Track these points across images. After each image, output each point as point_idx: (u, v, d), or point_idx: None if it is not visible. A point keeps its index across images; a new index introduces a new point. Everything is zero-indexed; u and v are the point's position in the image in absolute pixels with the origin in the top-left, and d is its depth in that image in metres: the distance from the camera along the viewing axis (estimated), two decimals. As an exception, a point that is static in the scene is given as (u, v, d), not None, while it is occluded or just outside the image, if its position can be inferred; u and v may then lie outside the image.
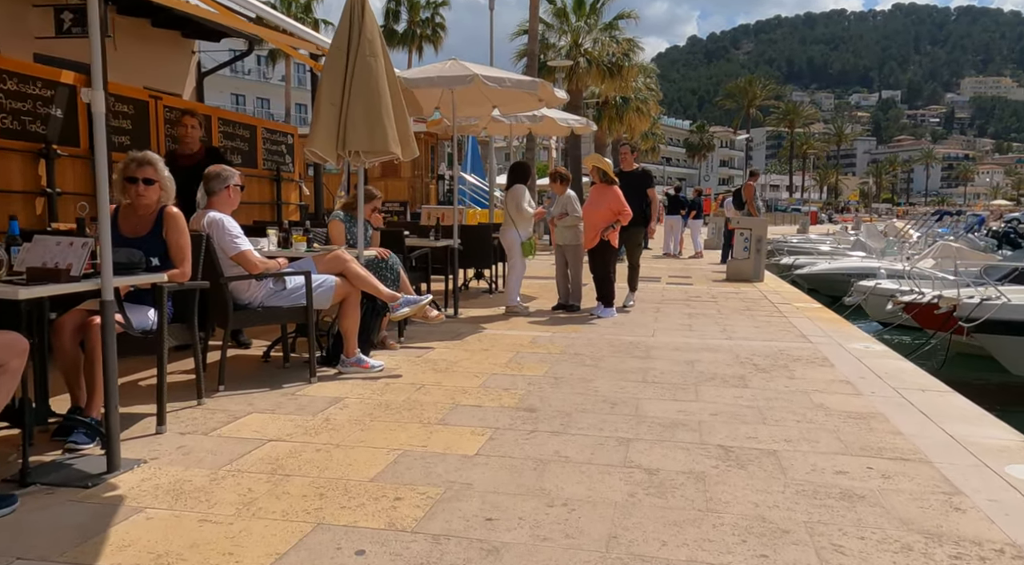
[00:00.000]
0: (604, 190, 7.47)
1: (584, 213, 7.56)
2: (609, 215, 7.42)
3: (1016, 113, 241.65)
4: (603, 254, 7.54)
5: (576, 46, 28.67)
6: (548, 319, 7.38)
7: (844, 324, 7.47)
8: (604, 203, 7.39)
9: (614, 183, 7.43)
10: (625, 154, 7.85)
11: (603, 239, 7.39)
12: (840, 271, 16.67)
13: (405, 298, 4.94)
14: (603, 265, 7.58)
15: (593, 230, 7.44)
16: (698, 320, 7.54)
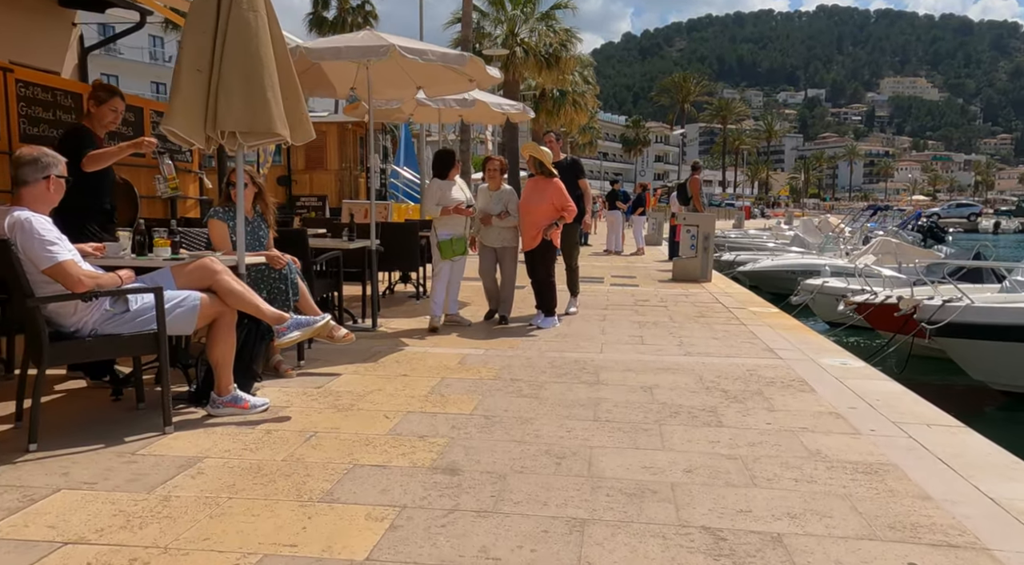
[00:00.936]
0: (544, 183, 6.54)
1: (521, 210, 6.62)
2: (551, 212, 6.51)
3: (931, 112, 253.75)
4: (544, 256, 6.62)
5: (512, 35, 27.74)
6: (480, 332, 6.41)
7: (808, 333, 6.75)
8: (545, 198, 6.47)
9: (554, 175, 6.52)
10: (551, 142, 6.95)
11: (545, 239, 6.48)
12: (784, 268, 16.28)
13: (296, 319, 3.87)
14: (545, 268, 6.66)
15: (533, 228, 6.50)
16: (650, 330, 6.70)
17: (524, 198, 6.65)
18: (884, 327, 10.67)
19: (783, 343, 6.11)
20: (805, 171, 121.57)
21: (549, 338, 6.23)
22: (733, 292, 9.84)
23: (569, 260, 7.48)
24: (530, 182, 6.65)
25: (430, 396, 4.28)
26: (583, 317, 7.42)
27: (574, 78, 36.99)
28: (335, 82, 7.13)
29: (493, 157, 6.46)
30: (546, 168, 6.48)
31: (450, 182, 6.25)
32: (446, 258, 6.27)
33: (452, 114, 9.16)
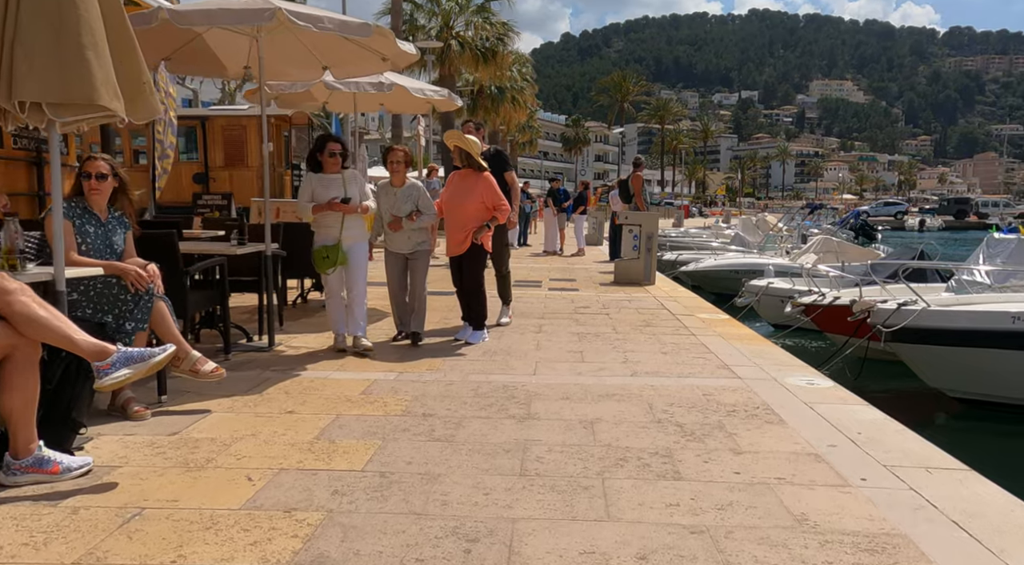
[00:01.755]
0: (472, 178, 5.69)
1: (445, 208, 5.76)
2: (482, 211, 5.67)
3: (857, 114, 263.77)
4: (474, 262, 5.78)
5: (447, 28, 26.81)
6: (395, 352, 5.51)
7: (764, 343, 6.10)
8: (475, 195, 5.64)
9: (484, 169, 5.68)
10: (470, 133, 6.14)
11: (475, 243, 5.64)
12: (726, 268, 15.87)
13: (124, 353, 2.90)
14: (474, 276, 5.81)
15: (462, 231, 5.65)
16: (591, 343, 5.93)
17: (448, 195, 5.77)
18: (833, 329, 10.24)
19: (739, 357, 5.42)
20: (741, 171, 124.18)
21: (476, 356, 5.38)
22: (679, 296, 9.20)
23: (499, 265, 6.62)
24: (455, 176, 5.78)
25: (316, 443, 3.38)
26: (517, 328, 6.61)
27: (512, 74, 36.28)
28: (225, 60, 6.11)
29: (396, 147, 5.49)
30: (475, 160, 5.62)
31: (330, 176, 5.15)
32: (320, 271, 5.25)
33: (370, 101, 8.22)
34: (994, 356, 7.33)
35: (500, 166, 6.31)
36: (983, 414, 7.84)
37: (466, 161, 5.69)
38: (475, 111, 35.89)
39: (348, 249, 5.17)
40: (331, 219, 5.11)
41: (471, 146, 5.69)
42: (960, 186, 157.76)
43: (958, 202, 67.63)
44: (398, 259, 5.68)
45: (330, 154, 5.10)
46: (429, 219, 5.58)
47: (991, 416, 7.79)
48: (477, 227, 5.63)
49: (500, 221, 5.75)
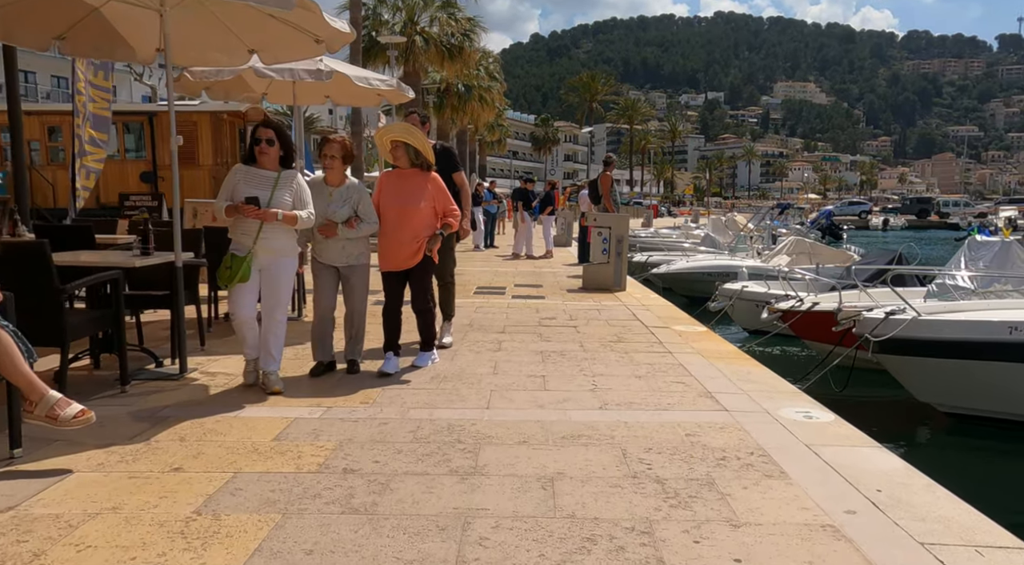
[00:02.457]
0: (417, 179, 4.89)
1: (388, 214, 4.83)
2: (432, 217, 4.89)
3: (820, 115, 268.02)
4: (425, 276, 4.98)
5: (412, 23, 25.93)
6: (327, 379, 4.73)
7: (750, 363, 5.44)
8: (423, 198, 4.83)
9: (431, 168, 4.91)
10: (415, 124, 5.36)
11: (427, 255, 4.86)
12: (699, 270, 15.31)
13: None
14: (425, 292, 5.00)
15: (414, 241, 4.80)
16: (555, 365, 5.21)
17: (388, 198, 4.87)
18: (812, 337, 9.69)
19: (723, 382, 4.75)
20: (708, 171, 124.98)
21: (422, 383, 4.63)
22: (651, 304, 8.54)
23: (444, 273, 5.77)
24: (391, 177, 4.94)
25: (194, 521, 2.60)
26: (474, 346, 5.87)
27: (480, 73, 35.52)
28: (132, 40, 5.26)
29: (332, 137, 4.61)
30: (423, 158, 4.84)
31: (262, 172, 4.27)
32: (220, 284, 4.33)
33: (312, 92, 7.40)
34: (989, 369, 6.79)
35: (448, 165, 5.54)
36: (974, 429, 7.32)
37: (414, 158, 4.89)
38: (442, 110, 35.08)
39: (265, 267, 4.24)
40: (247, 225, 4.21)
41: (420, 141, 4.88)
42: (919, 186, 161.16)
43: (920, 202, 68.61)
44: (329, 272, 4.77)
45: (255, 141, 4.19)
46: (370, 227, 4.71)
47: (982, 431, 7.28)
48: (430, 236, 4.83)
49: (453, 228, 4.97)
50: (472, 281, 10.67)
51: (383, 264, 4.92)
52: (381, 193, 4.89)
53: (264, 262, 4.24)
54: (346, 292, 4.83)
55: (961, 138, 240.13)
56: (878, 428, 7.73)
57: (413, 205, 4.80)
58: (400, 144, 4.83)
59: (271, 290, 4.30)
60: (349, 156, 4.63)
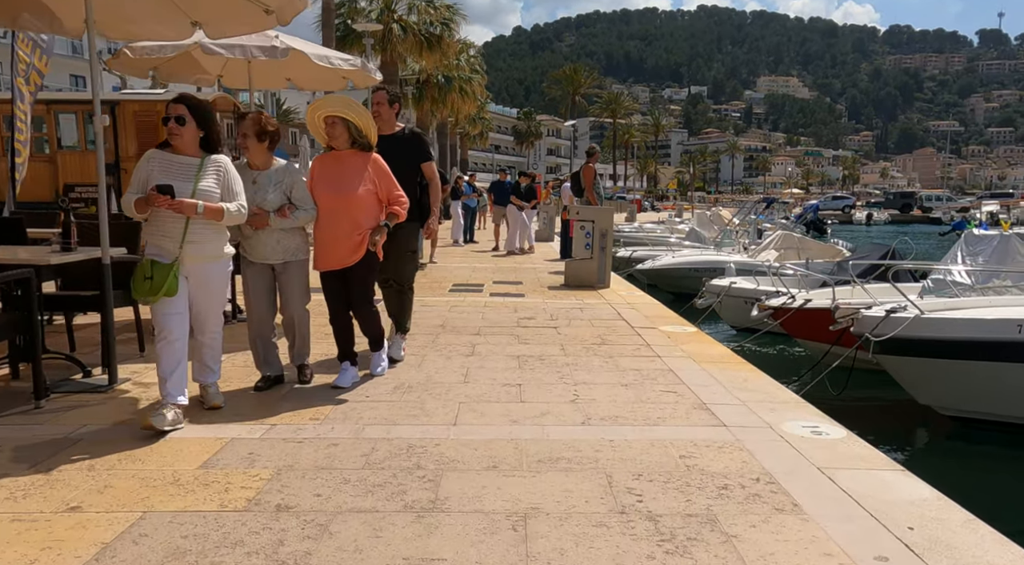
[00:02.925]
0: (356, 161, 4.13)
1: (325, 202, 4.08)
2: (375, 204, 4.17)
3: (803, 110, 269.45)
4: (368, 273, 4.25)
5: (389, 10, 25.26)
6: (272, 392, 4.21)
7: (746, 368, 4.98)
8: (363, 183, 4.10)
9: (371, 149, 4.20)
10: (380, 105, 4.65)
11: (370, 250, 4.16)
12: (685, 266, 14.89)
13: None
14: (367, 290, 4.30)
15: (356, 232, 4.07)
16: (533, 371, 4.72)
17: (323, 184, 4.10)
18: (804, 335, 9.30)
19: (718, 391, 4.29)
20: (692, 165, 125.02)
21: (382, 394, 4.12)
22: (637, 303, 8.07)
23: (403, 278, 4.99)
24: (327, 160, 4.21)
25: (76, 584, 2.09)
26: (445, 350, 5.36)
27: (460, 63, 34.91)
28: (57, 8, 4.69)
29: (250, 113, 4.01)
30: (364, 137, 4.13)
31: (180, 158, 3.52)
32: (139, 298, 3.46)
33: (271, 73, 6.83)
34: (995, 370, 6.39)
35: (418, 153, 4.86)
36: (978, 434, 6.94)
37: (355, 137, 4.12)
38: (421, 102, 34.42)
39: (194, 273, 3.55)
40: (168, 225, 3.45)
41: (360, 116, 4.12)
42: (901, 181, 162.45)
43: (903, 196, 68.89)
44: (263, 272, 4.08)
45: (164, 120, 3.49)
46: (307, 215, 4.05)
47: (987, 436, 6.90)
48: (374, 227, 4.15)
49: (400, 218, 4.27)
50: (448, 278, 10.16)
51: (319, 262, 4.17)
52: (314, 180, 4.15)
53: (192, 269, 3.54)
54: (283, 294, 4.15)
55: (942, 133, 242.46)
56: (876, 433, 7.38)
57: (351, 191, 4.05)
58: (338, 120, 4.07)
59: (203, 300, 3.64)
60: (266, 133, 3.90)
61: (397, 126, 4.86)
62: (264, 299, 4.14)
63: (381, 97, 4.76)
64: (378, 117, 4.60)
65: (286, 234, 4.04)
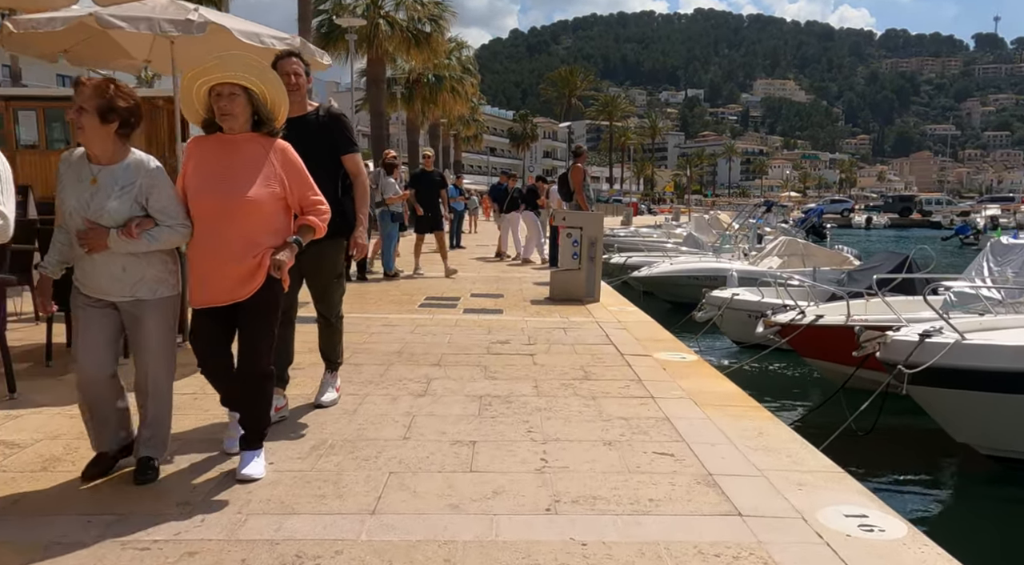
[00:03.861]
0: (253, 149, 2.93)
1: (199, 209, 2.87)
2: (279, 214, 2.97)
3: (799, 113, 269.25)
4: (265, 314, 2.95)
5: (375, 6, 24.31)
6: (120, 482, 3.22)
7: (757, 414, 4.02)
8: (265, 182, 2.89)
9: (275, 135, 2.99)
10: (300, 75, 3.57)
11: (270, 278, 2.92)
12: (683, 273, 13.96)
13: None
14: (264, 343, 2.96)
15: (250, 253, 2.86)
16: (494, 424, 3.75)
17: (202, 181, 2.88)
18: (816, 356, 8.36)
19: (727, 452, 3.33)
20: (689, 168, 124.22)
21: (291, 457, 3.15)
22: (629, 321, 7.11)
23: (330, 306, 3.89)
24: (208, 145, 2.95)
25: None
26: (393, 387, 4.39)
27: (451, 62, 33.98)
28: None
29: (90, 79, 2.73)
30: (265, 113, 2.92)
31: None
32: None
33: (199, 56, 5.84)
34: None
35: (339, 140, 3.70)
36: (1021, 475, 6.00)
37: (266, 113, 2.93)
38: (412, 101, 33.48)
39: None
40: None
41: (274, 87, 2.95)
42: (898, 184, 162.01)
43: (902, 200, 68.15)
44: (100, 313, 2.83)
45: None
46: (171, 235, 2.81)
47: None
48: (275, 246, 2.92)
49: (319, 232, 3.05)
50: (423, 289, 9.20)
51: (196, 295, 2.95)
52: (189, 174, 2.92)
53: None
54: (134, 345, 2.90)
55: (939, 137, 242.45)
56: (904, 473, 6.45)
57: (244, 193, 2.83)
58: (238, 91, 2.85)
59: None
60: (113, 111, 2.69)
61: (310, 105, 3.73)
62: (100, 350, 2.83)
63: (297, 65, 3.60)
64: (296, 91, 3.49)
65: (136, 260, 2.78)
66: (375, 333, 6.18)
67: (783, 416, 7.78)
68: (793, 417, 7.92)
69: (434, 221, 10.86)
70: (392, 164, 10.39)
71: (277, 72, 3.16)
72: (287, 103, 3.03)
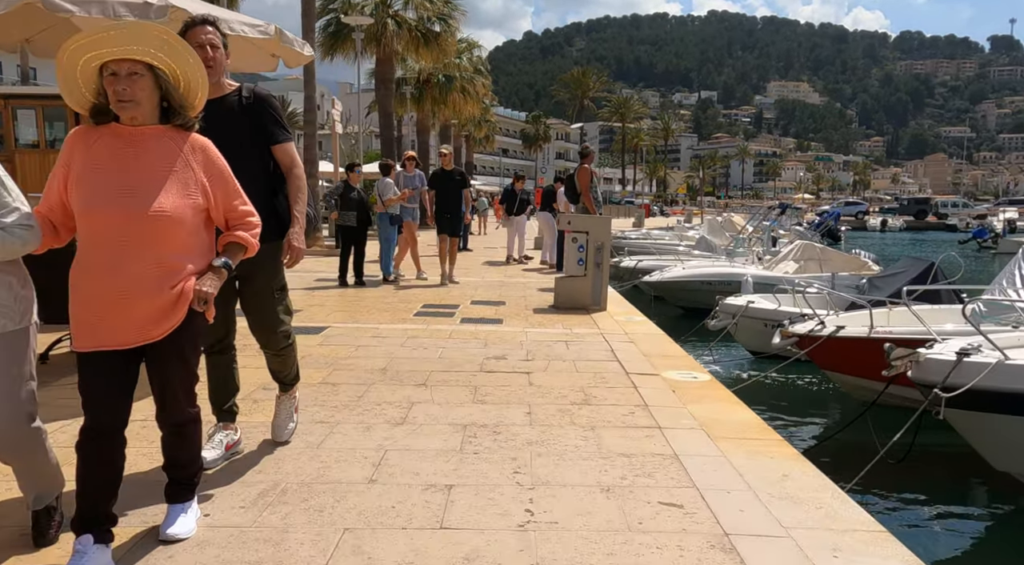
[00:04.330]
0: (164, 145, 2.27)
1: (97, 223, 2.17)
2: (199, 230, 2.34)
3: (813, 115, 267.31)
4: (188, 357, 2.36)
5: (384, 5, 23.91)
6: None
7: (782, 449, 3.51)
8: (183, 190, 2.26)
9: (193, 126, 2.35)
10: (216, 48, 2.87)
11: (191, 313, 2.28)
12: (696, 278, 13.41)
13: None
14: (186, 388, 2.40)
15: (167, 280, 2.22)
16: (476, 462, 3.27)
17: (95, 184, 2.18)
18: (836, 368, 7.83)
19: (746, 501, 2.82)
20: (701, 170, 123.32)
21: (230, 511, 2.67)
22: (637, 333, 6.61)
23: (266, 331, 3.15)
24: (101, 138, 2.24)
25: None
26: (368, 412, 3.92)
27: (461, 62, 33.53)
28: None
29: None
30: (177, 99, 2.28)
31: None
32: None
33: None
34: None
35: (267, 129, 2.99)
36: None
37: (179, 99, 2.30)
38: (422, 102, 33.06)
39: None
40: None
41: (186, 64, 2.28)
42: (912, 186, 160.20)
43: (917, 202, 67.11)
44: None
45: None
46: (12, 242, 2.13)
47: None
48: (197, 271, 2.31)
49: (250, 250, 2.47)
50: (420, 297, 8.73)
51: (84, 337, 2.20)
52: (73, 180, 2.20)
53: None
54: None
55: (953, 139, 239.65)
56: (935, 504, 5.91)
57: (155, 206, 2.18)
58: (140, 67, 2.18)
59: None
60: None
61: (229, 85, 2.99)
62: None
63: (213, 35, 2.86)
64: (211, 67, 2.78)
65: None
66: (361, 346, 5.72)
67: (803, 434, 7.27)
68: (813, 433, 7.40)
69: (454, 224, 10.02)
70: (387, 165, 9.93)
71: (187, 40, 2.62)
72: (206, 86, 2.37)
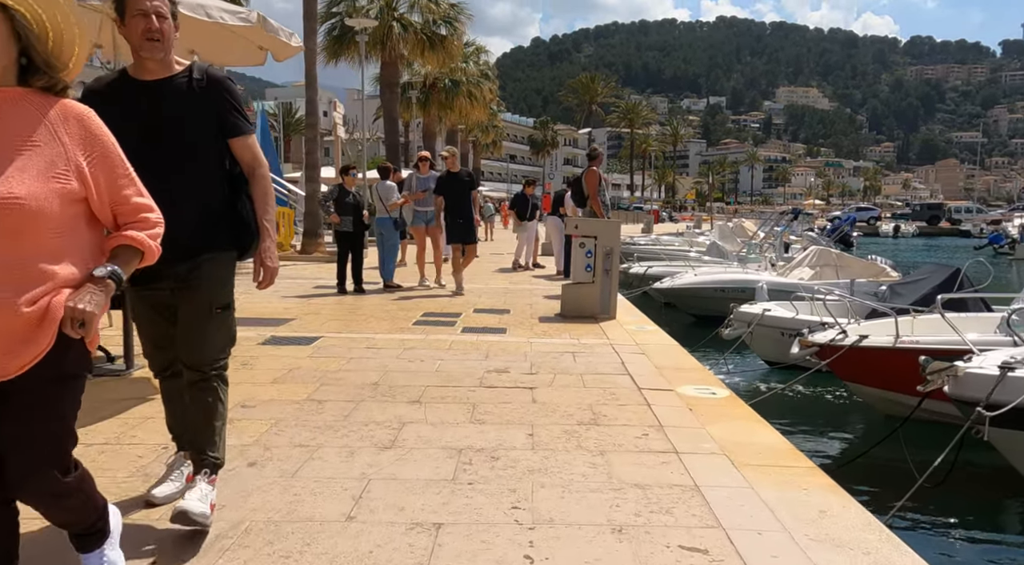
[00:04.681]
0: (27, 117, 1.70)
1: None
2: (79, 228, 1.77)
3: (823, 120, 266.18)
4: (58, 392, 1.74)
5: (389, 8, 23.65)
6: None
7: (814, 477, 3.10)
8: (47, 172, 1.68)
9: (66, 88, 1.76)
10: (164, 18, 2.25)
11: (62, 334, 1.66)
12: (708, 285, 12.99)
13: None
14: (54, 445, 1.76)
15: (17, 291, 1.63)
16: (470, 495, 2.88)
17: None
18: (858, 379, 7.43)
19: (779, 543, 2.42)
20: (710, 175, 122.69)
21: (182, 557, 2.31)
22: (649, 343, 6.20)
23: (195, 350, 2.47)
24: None
25: None
26: (353, 434, 3.54)
27: (467, 66, 33.27)
28: None
29: None
30: (41, 53, 1.71)
31: None
32: None
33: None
34: None
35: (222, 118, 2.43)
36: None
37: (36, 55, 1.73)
38: (428, 106, 32.80)
39: None
40: None
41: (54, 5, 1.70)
42: (923, 192, 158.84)
43: (930, 208, 66.43)
44: None
45: None
46: None
47: None
48: (71, 282, 1.72)
49: (148, 258, 1.84)
50: (419, 305, 8.36)
51: None
52: None
53: None
54: None
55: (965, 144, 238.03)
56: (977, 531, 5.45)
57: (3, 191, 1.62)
58: None
59: None
60: None
61: (178, 64, 2.43)
62: None
63: (158, 2, 2.26)
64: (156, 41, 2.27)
65: None
66: (354, 358, 5.34)
67: (828, 451, 6.82)
68: (839, 450, 6.97)
69: (466, 229, 9.38)
70: (386, 168, 9.59)
71: (126, 7, 2.21)
72: (86, 43, 1.82)
